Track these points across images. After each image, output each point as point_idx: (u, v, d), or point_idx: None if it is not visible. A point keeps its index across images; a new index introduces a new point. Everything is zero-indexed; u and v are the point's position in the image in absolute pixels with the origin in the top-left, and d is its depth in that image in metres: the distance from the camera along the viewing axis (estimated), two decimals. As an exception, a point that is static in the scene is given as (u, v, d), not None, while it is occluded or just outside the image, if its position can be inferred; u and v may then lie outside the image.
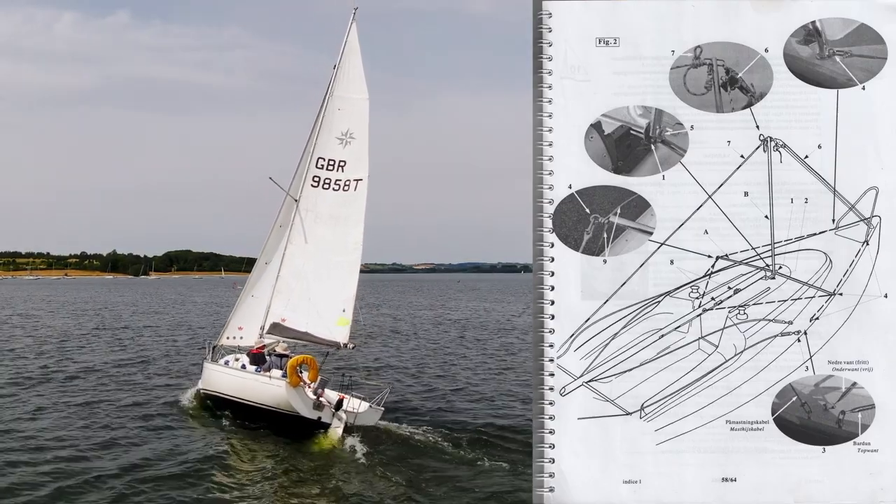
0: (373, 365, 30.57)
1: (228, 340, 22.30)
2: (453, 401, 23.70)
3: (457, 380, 28.16)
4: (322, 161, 21.35)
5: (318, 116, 21.56)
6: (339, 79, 21.40)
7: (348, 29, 21.55)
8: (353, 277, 21.23)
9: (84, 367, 29.69)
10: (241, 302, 22.74)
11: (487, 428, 19.06)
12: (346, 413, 18.14)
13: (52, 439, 17.61)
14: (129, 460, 15.93)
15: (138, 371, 29.02)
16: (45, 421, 19.76)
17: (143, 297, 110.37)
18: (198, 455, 16.67)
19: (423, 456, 16.66)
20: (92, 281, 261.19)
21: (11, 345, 37.92)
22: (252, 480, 15.10)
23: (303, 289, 21.07)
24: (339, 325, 20.64)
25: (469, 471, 15.60)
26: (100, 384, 25.51)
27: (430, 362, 33.61)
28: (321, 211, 21.44)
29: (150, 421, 19.97)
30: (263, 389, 18.88)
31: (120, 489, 13.98)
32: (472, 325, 54.88)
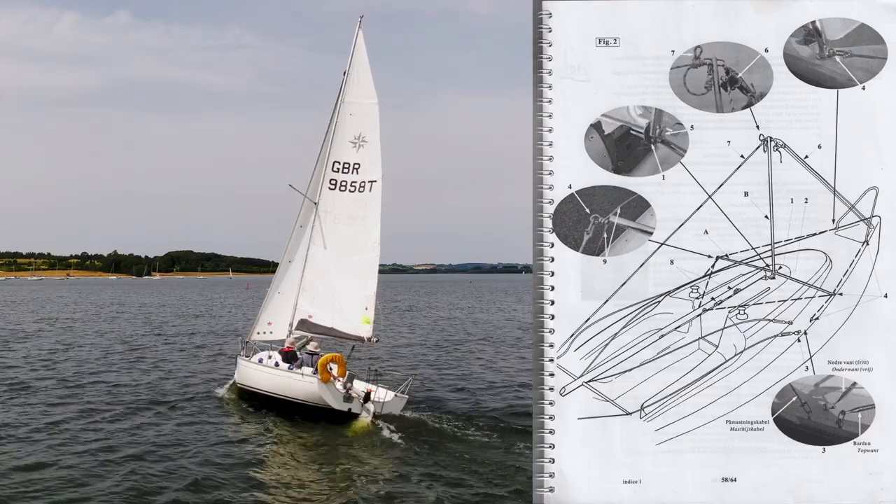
0: (396, 357, 32.70)
1: (259, 335, 23.62)
2: (472, 390, 25.05)
3: (475, 372, 29.72)
4: (337, 164, 22.77)
5: (331, 121, 22.92)
6: (349, 85, 22.74)
7: (355, 36, 22.89)
8: (373, 276, 22.50)
9: (153, 364, 32.00)
10: (268, 299, 24.03)
11: (508, 418, 20.12)
12: (374, 403, 19.48)
13: (126, 427, 19.33)
14: (179, 445, 17.40)
15: (182, 366, 31.21)
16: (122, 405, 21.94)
17: (168, 297, 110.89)
18: (243, 438, 18.36)
19: (444, 440, 17.99)
20: (97, 282, 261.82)
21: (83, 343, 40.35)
22: (294, 463, 16.45)
23: (326, 287, 22.48)
24: (363, 322, 22.06)
25: (484, 452, 16.89)
26: (160, 379, 27.66)
27: (449, 356, 35.35)
28: (339, 212, 22.79)
29: (194, 409, 21.61)
30: (297, 386, 20.21)
31: (175, 470, 15.30)
32: (492, 323, 56.79)
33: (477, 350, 37.35)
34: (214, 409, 21.74)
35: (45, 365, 30.20)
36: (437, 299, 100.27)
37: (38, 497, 13.41)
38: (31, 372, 28.27)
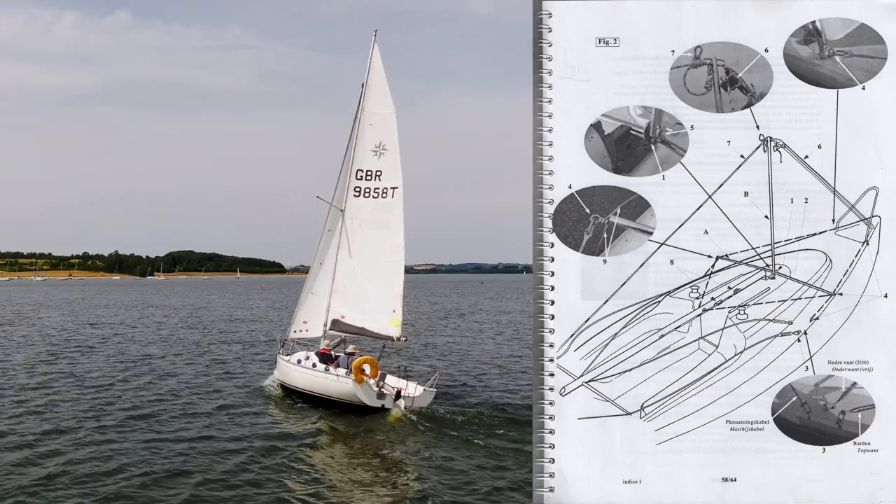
0: (423, 353, 36.00)
1: (296, 334, 25.89)
2: (496, 385, 27.11)
3: (498, 367, 31.97)
4: (360, 172, 24.70)
5: (353, 132, 24.94)
6: (368, 96, 24.67)
7: (371, 50, 24.75)
8: (399, 277, 24.24)
9: (192, 360, 35.53)
10: (302, 300, 26.24)
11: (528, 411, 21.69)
12: (404, 398, 21.51)
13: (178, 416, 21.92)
14: (230, 433, 19.66)
15: (225, 362, 34.60)
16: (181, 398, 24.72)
17: (191, 299, 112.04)
18: (290, 430, 20.52)
19: (468, 431, 19.80)
20: (101, 282, 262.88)
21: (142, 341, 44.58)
22: (335, 450, 18.68)
23: (356, 288, 24.47)
24: (392, 324, 23.92)
25: (503, 443, 18.62)
26: (200, 373, 30.61)
27: (474, 351, 38.49)
28: (365, 217, 24.68)
29: (239, 403, 23.93)
30: (333, 385, 22.46)
31: (227, 457, 17.34)
32: (511, 322, 60.08)
33: (498, 344, 40.21)
34: (258, 401, 24.45)
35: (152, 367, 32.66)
36: (475, 301, 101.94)
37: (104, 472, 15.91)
38: (126, 371, 31.04)
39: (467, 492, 15.08)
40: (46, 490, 14.55)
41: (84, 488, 14.79)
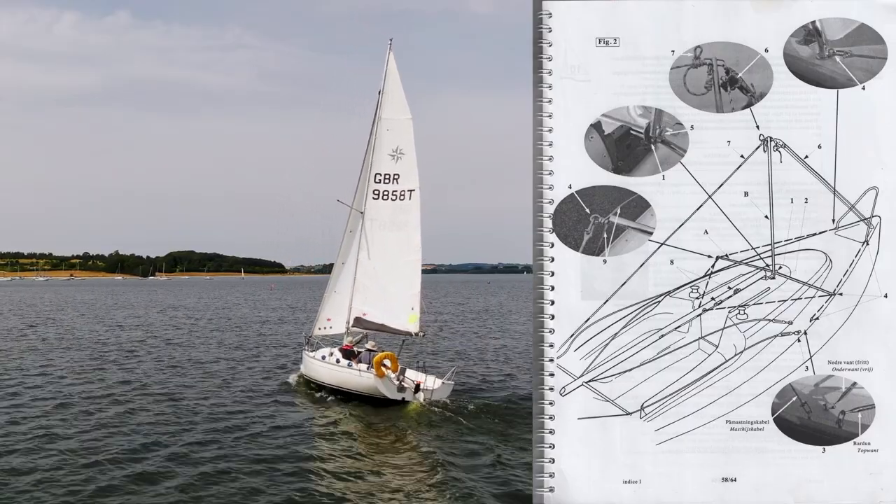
0: (441, 348, 37.09)
1: (320, 330, 27.22)
2: (513, 380, 28.09)
3: (516, 363, 33.02)
4: (379, 176, 25.76)
5: (371, 137, 26.01)
6: (384, 103, 25.77)
7: (387, 58, 25.80)
8: (416, 276, 25.40)
9: (219, 355, 36.96)
10: (326, 298, 27.49)
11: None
12: (423, 391, 22.56)
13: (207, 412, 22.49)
14: (258, 427, 20.51)
15: (254, 358, 35.86)
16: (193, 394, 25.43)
17: (207, 299, 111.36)
18: (318, 421, 21.62)
19: (483, 422, 20.78)
20: (104, 282, 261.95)
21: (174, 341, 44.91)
22: (359, 439, 19.66)
23: (376, 287, 25.53)
24: (410, 321, 25.02)
25: (519, 432, 19.35)
26: (228, 368, 32.22)
27: (489, 345, 39.87)
28: (384, 219, 25.74)
29: (269, 397, 25.12)
30: (356, 380, 23.64)
31: (254, 449, 18.13)
32: (519, 320, 61.55)
33: (512, 341, 41.61)
34: (289, 397, 25.37)
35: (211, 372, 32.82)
36: (498, 301, 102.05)
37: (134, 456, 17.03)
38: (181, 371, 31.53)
39: (481, 475, 15.99)
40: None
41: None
